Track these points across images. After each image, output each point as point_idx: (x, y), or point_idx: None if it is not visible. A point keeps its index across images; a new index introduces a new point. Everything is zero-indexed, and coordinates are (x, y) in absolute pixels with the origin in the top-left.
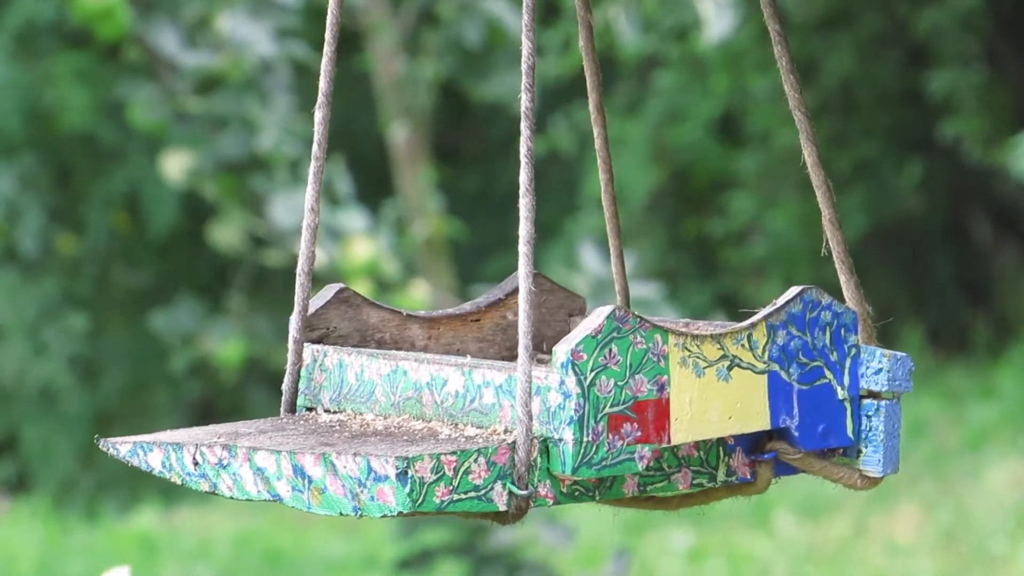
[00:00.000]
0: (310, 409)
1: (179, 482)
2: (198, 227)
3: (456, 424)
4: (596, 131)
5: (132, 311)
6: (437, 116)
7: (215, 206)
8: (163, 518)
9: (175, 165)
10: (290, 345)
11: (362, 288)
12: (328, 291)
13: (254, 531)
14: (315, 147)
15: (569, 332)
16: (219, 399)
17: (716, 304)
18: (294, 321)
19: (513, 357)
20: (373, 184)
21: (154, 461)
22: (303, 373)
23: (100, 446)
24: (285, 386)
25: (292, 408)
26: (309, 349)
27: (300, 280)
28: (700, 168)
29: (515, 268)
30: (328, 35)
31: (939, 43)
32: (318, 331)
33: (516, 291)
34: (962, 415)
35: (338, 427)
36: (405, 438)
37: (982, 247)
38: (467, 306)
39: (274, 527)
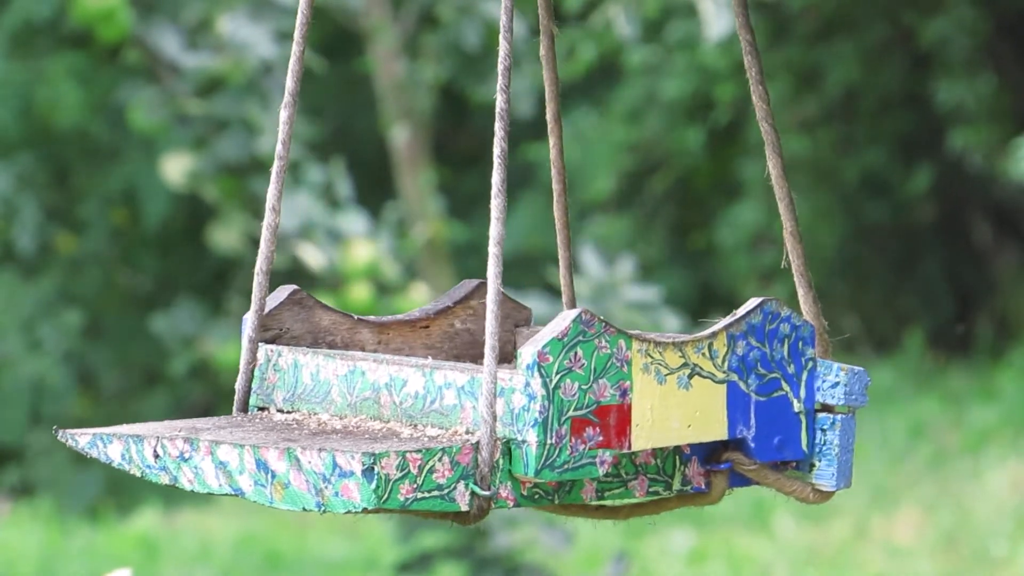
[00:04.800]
0: (262, 409)
1: (139, 475)
2: (198, 229)
3: (415, 425)
4: (552, 141)
5: (132, 313)
6: (437, 118)
7: (215, 208)
8: (164, 520)
9: (175, 168)
10: (244, 344)
11: (362, 291)
12: (282, 292)
13: (254, 533)
14: (279, 147)
15: (515, 343)
16: (219, 402)
17: (718, 310)
18: (249, 320)
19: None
20: (374, 186)
21: (113, 453)
22: (256, 373)
23: (59, 437)
24: (238, 385)
25: (244, 407)
26: (263, 349)
27: (258, 280)
28: (703, 175)
29: (517, 271)
30: (297, 35)
31: (944, 52)
32: (271, 331)
33: (464, 299)
34: (962, 417)
35: (296, 425)
36: (367, 436)
37: (982, 249)
38: (416, 312)
39: (274, 529)
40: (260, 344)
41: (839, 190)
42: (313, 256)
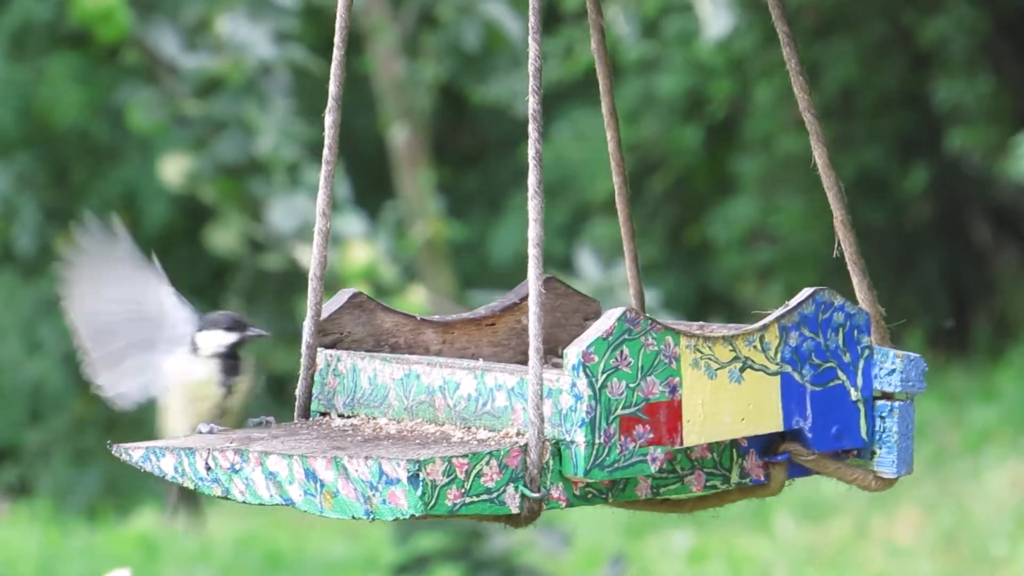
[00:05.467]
0: (324, 414)
1: (192, 487)
2: (196, 230)
3: (469, 427)
4: (609, 134)
5: None
6: (436, 118)
7: (213, 209)
8: (163, 520)
9: (174, 169)
10: (303, 350)
11: None
12: (342, 296)
13: (254, 533)
14: (326, 151)
15: None
16: None
17: (716, 310)
18: (307, 326)
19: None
20: (373, 186)
21: (166, 466)
22: (316, 378)
23: (112, 451)
24: (299, 391)
25: (306, 413)
26: (322, 354)
27: (312, 285)
28: (701, 174)
29: (517, 269)
30: (337, 39)
31: (943, 51)
32: (332, 336)
33: None
34: (962, 417)
35: (351, 431)
36: (417, 442)
37: (982, 249)
38: (482, 310)
39: (274, 529)
40: (319, 349)
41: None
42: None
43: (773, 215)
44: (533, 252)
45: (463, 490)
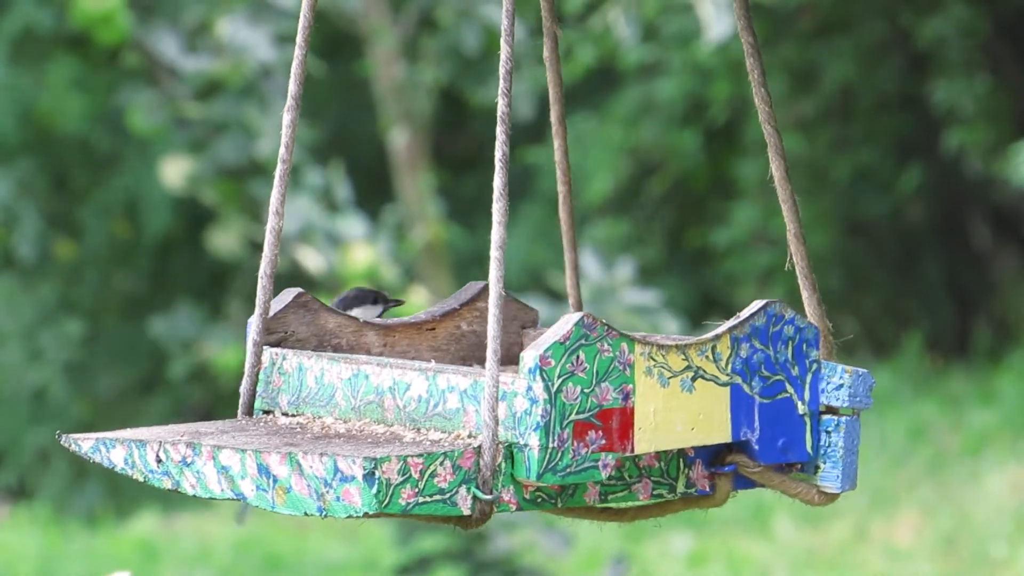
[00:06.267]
0: (267, 412)
1: (141, 479)
2: (197, 233)
3: (418, 429)
4: (556, 143)
5: (131, 317)
6: (436, 121)
7: (214, 212)
8: (163, 523)
9: (174, 171)
10: (249, 347)
11: None
12: (287, 295)
13: (253, 536)
14: (282, 150)
15: (522, 344)
16: (218, 405)
17: (715, 313)
18: (254, 323)
19: (466, 365)
20: (373, 189)
21: (116, 458)
22: (261, 376)
23: (62, 442)
24: (243, 388)
25: (249, 410)
26: (267, 352)
27: (262, 283)
28: (701, 177)
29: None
30: (299, 39)
31: (941, 52)
32: (276, 334)
33: (470, 301)
34: (962, 420)
35: (299, 429)
36: (369, 441)
37: (982, 252)
38: (422, 315)
39: (274, 531)
40: (265, 347)
41: (836, 191)
42: (312, 259)
43: (774, 218)
44: (495, 254)
45: (417, 490)
